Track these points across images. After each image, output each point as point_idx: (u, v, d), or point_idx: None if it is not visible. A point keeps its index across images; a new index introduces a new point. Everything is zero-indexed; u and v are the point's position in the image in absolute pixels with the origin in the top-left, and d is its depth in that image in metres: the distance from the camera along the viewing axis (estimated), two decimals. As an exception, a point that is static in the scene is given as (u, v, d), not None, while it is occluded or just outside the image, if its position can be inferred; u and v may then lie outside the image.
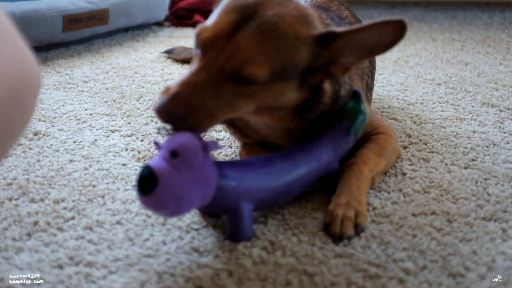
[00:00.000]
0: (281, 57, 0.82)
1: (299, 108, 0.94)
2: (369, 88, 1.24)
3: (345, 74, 0.89)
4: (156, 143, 0.83)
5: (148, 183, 0.78)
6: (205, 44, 0.83)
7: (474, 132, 1.30)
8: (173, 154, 0.79)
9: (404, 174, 1.09)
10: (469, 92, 1.58)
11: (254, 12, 0.83)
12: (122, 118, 1.40)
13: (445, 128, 1.32)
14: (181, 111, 0.80)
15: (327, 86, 0.94)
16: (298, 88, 0.88)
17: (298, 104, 0.93)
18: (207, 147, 0.81)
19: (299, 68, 0.85)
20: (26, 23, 1.84)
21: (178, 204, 0.79)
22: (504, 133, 1.29)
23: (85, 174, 1.10)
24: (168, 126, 0.84)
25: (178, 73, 1.81)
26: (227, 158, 1.18)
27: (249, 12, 0.82)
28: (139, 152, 1.20)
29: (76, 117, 1.41)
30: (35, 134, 1.29)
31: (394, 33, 0.83)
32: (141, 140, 1.26)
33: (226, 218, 0.88)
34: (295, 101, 0.91)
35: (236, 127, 1.09)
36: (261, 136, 1.06)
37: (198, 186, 0.80)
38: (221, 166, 0.86)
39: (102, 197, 1.02)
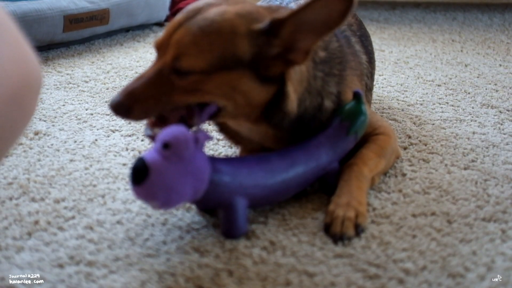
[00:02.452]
0: (216, 49, 0.86)
1: (265, 110, 0.93)
2: (369, 88, 1.24)
3: (307, 58, 0.89)
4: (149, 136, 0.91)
5: (140, 174, 0.80)
6: (157, 47, 0.91)
7: (474, 133, 1.30)
8: (165, 146, 0.81)
9: (404, 174, 1.09)
10: (469, 93, 1.58)
11: (197, 12, 0.89)
12: (123, 118, 1.40)
13: (445, 129, 1.32)
14: (126, 101, 0.87)
15: (291, 90, 0.93)
16: (258, 81, 0.88)
17: (267, 102, 0.92)
18: (198, 139, 0.84)
19: (243, 59, 0.86)
20: (27, 23, 1.84)
21: (169, 195, 0.81)
22: (504, 134, 1.29)
23: (85, 174, 1.10)
24: (149, 132, 0.91)
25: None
26: (227, 158, 1.18)
27: (192, 14, 0.89)
28: (139, 152, 1.20)
29: (76, 117, 1.41)
30: (36, 133, 1.29)
31: (342, 2, 0.83)
32: (142, 140, 1.27)
33: (220, 214, 0.89)
34: (263, 96, 0.91)
35: (228, 134, 1.09)
36: (252, 143, 1.06)
37: (189, 178, 0.82)
38: (215, 161, 0.88)
39: (103, 196, 1.02)
